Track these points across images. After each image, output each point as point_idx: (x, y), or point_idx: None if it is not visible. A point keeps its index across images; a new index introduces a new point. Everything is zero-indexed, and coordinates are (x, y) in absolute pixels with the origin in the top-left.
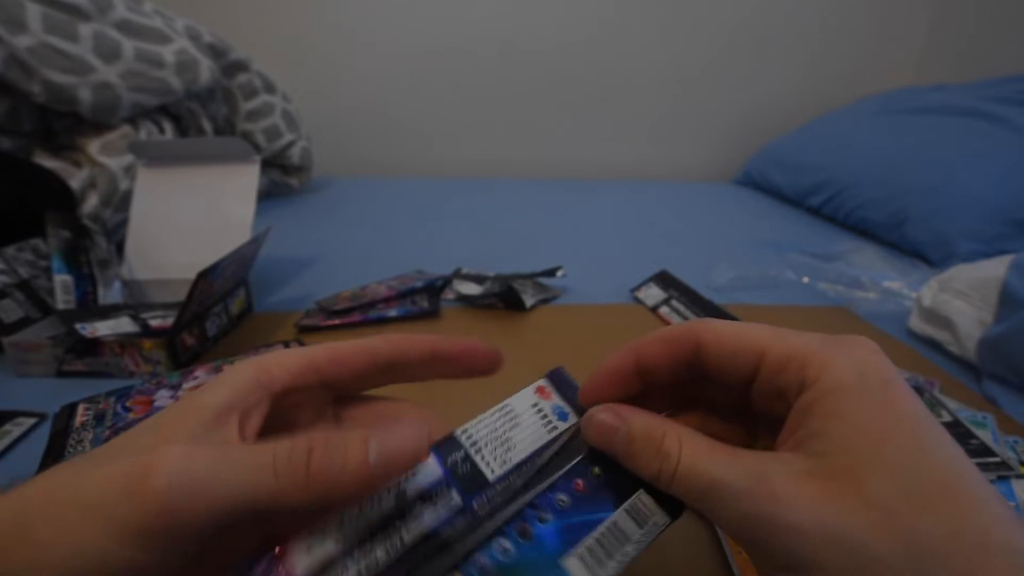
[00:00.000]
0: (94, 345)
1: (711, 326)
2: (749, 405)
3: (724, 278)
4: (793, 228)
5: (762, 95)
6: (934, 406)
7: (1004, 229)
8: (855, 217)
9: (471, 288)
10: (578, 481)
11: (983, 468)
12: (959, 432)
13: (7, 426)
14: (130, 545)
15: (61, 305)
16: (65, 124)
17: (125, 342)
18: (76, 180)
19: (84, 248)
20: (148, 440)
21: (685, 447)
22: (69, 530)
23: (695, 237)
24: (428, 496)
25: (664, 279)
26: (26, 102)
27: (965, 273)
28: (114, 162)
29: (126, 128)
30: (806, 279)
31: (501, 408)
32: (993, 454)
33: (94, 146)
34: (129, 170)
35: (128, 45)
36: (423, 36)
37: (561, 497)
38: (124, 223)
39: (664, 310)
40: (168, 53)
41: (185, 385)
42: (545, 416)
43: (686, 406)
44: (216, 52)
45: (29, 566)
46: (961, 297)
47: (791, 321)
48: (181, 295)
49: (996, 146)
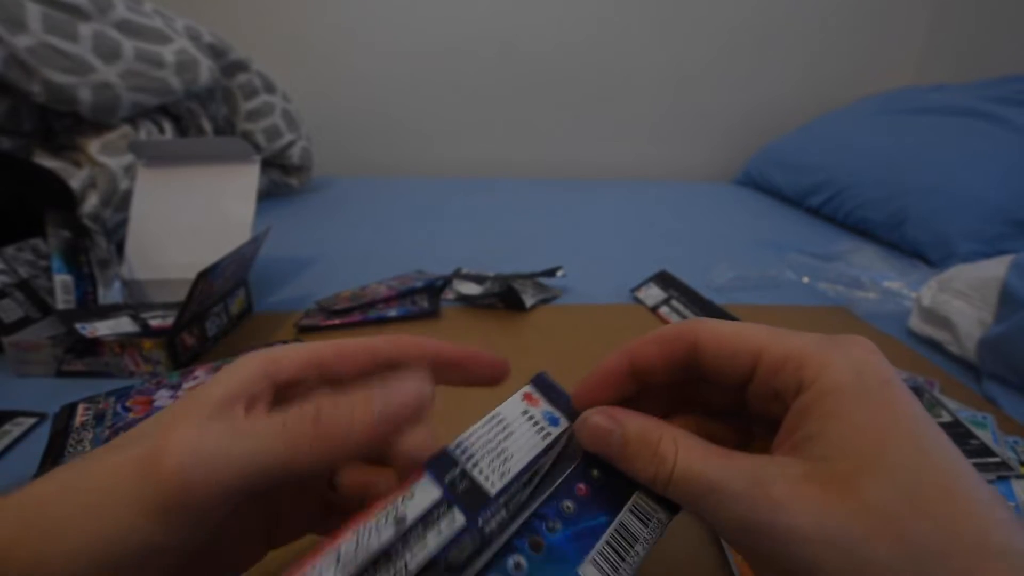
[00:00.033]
0: (94, 345)
1: (707, 326)
2: (745, 406)
3: (724, 278)
4: (793, 228)
5: (762, 95)
6: (934, 406)
7: (1004, 229)
8: (855, 217)
9: (471, 288)
10: (580, 485)
11: (983, 468)
12: (959, 432)
13: (7, 426)
14: (151, 525)
15: (61, 305)
16: (65, 124)
17: (125, 342)
18: (76, 180)
19: (84, 248)
20: (157, 429)
21: (681, 450)
22: (89, 515)
23: (695, 237)
24: (430, 518)
25: (664, 279)
26: (26, 102)
27: (965, 273)
28: (114, 162)
29: (126, 128)
30: (806, 279)
31: (492, 418)
32: (993, 454)
33: (94, 146)
34: (129, 170)
35: (128, 45)
36: (423, 36)
37: (566, 503)
38: (124, 223)
39: (664, 310)
40: (168, 53)
41: (185, 385)
42: (537, 423)
43: (682, 407)
44: (216, 52)
45: (51, 556)
46: (961, 297)
47: (791, 321)
48: (181, 295)
49: (996, 146)
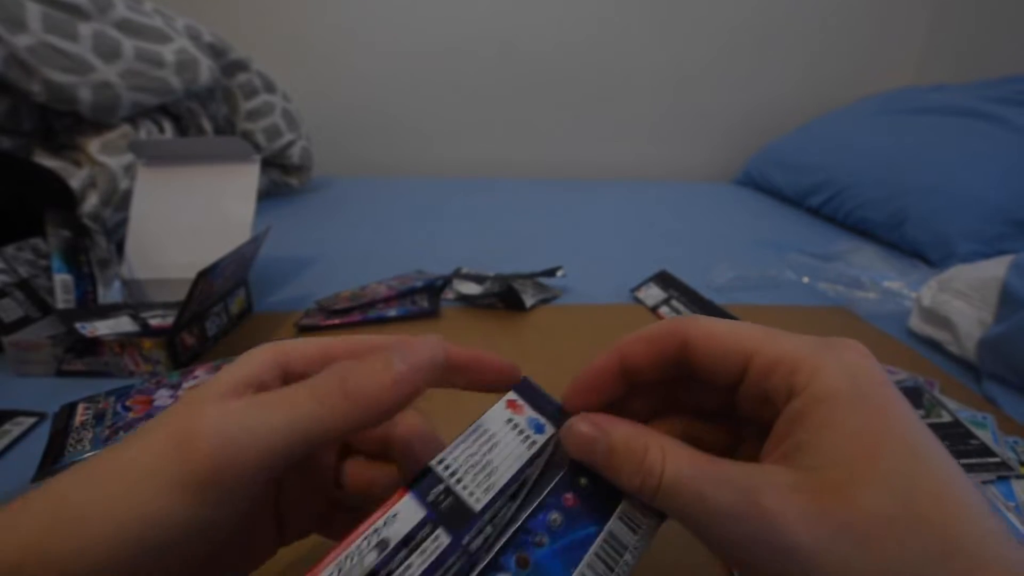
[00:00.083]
0: (94, 345)
1: (698, 324)
2: (735, 408)
3: (724, 278)
4: (793, 228)
5: (762, 95)
6: (934, 406)
7: (1004, 229)
8: (855, 217)
9: (471, 288)
10: (567, 495)
11: (983, 468)
12: (959, 432)
13: (7, 425)
14: (189, 501)
15: (61, 304)
16: (65, 123)
17: (125, 342)
18: (76, 179)
19: (84, 247)
20: (178, 413)
21: (668, 460)
22: (124, 496)
23: (695, 237)
24: (413, 540)
25: (664, 279)
26: (26, 102)
27: (965, 273)
28: (114, 161)
29: (126, 127)
30: (806, 279)
31: (475, 430)
32: (993, 454)
33: (94, 145)
34: (129, 169)
35: (128, 44)
36: (423, 36)
37: (553, 516)
38: (124, 222)
39: (664, 310)
40: (168, 52)
41: (185, 385)
42: (522, 431)
43: (671, 408)
44: (216, 52)
45: (91, 541)
46: (961, 297)
47: (791, 321)
48: (181, 295)
49: (996, 146)
